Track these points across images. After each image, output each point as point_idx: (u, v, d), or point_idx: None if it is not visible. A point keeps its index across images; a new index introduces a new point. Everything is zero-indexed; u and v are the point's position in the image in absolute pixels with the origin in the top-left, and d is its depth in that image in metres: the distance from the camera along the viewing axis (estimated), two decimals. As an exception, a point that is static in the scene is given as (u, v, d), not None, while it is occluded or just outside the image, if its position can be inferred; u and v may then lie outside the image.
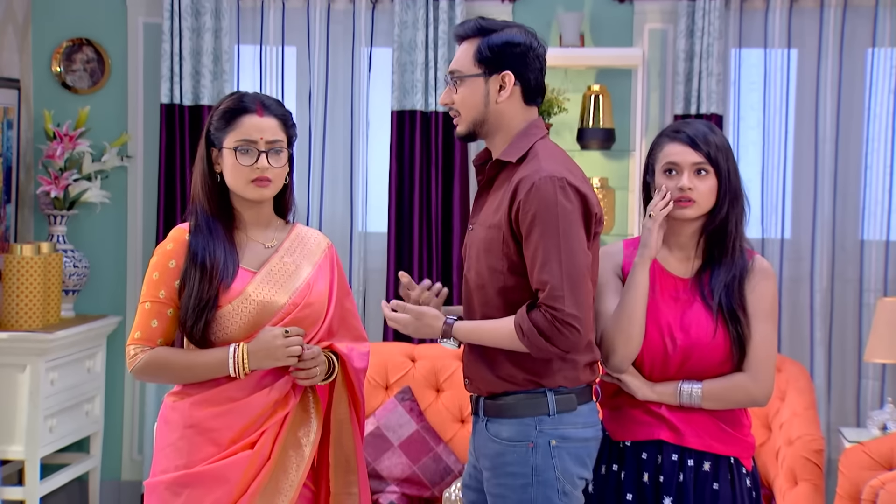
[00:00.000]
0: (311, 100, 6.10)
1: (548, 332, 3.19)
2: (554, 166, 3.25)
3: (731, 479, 3.38)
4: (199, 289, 3.29)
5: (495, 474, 3.33)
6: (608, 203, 5.83)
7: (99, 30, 6.23)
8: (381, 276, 6.08)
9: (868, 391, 5.84)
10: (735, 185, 3.39)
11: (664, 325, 3.37)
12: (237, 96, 3.40)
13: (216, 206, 3.38)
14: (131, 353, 3.35)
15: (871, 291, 5.86)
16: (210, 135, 3.39)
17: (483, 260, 3.32)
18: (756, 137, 5.92)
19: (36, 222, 6.25)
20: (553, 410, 3.28)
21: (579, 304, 3.19)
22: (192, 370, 3.32)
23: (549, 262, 3.18)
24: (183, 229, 3.39)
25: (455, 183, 5.93)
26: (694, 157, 3.36)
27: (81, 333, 5.82)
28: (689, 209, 3.36)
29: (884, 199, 5.88)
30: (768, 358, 3.37)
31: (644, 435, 3.39)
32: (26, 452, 5.50)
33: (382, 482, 5.18)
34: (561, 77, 5.93)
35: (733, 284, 3.37)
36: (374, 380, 5.42)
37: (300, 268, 3.42)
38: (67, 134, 5.97)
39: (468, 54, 3.35)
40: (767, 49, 5.90)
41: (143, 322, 3.35)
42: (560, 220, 3.19)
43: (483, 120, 3.36)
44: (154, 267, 3.37)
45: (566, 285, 3.17)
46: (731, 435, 3.39)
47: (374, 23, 6.10)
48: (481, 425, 3.38)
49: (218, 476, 3.25)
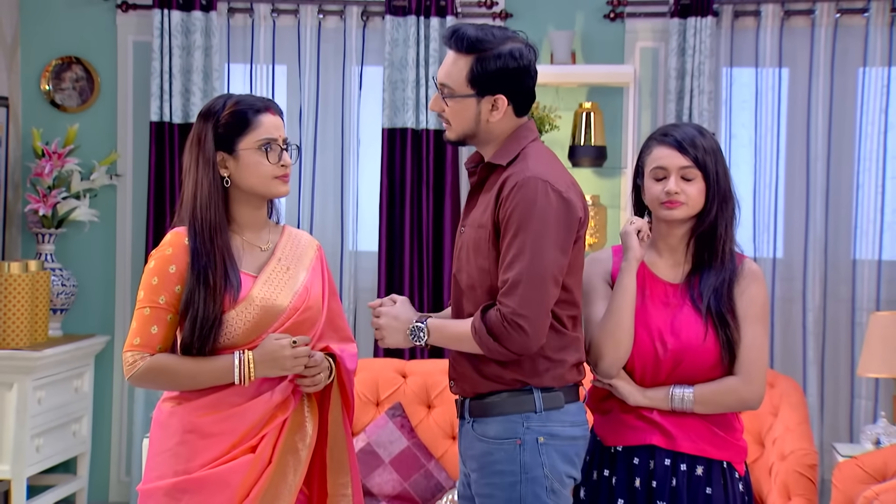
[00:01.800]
0: (301, 118, 6.08)
1: (496, 330, 3.17)
2: (540, 168, 3.24)
3: (724, 484, 3.36)
4: (205, 308, 3.24)
5: (483, 474, 3.30)
6: (600, 220, 5.82)
7: (88, 48, 6.21)
8: (373, 294, 6.05)
9: (861, 409, 5.82)
10: (724, 187, 3.38)
11: (654, 330, 3.35)
12: (239, 98, 3.36)
13: (223, 212, 3.34)
14: (130, 359, 3.28)
15: (863, 310, 5.85)
16: (218, 139, 3.32)
17: (473, 260, 3.30)
18: (748, 156, 5.91)
19: (24, 241, 6.22)
20: (540, 407, 3.26)
21: (532, 306, 3.16)
22: (195, 378, 3.27)
23: (515, 261, 3.16)
24: (181, 234, 3.32)
25: (446, 200, 5.91)
26: (681, 161, 3.35)
27: (69, 352, 5.78)
28: (678, 210, 3.36)
29: (875, 218, 5.87)
30: (759, 361, 3.35)
31: (636, 440, 3.37)
32: (13, 472, 5.45)
33: (373, 499, 5.13)
34: (552, 95, 5.92)
35: (722, 288, 3.36)
36: (364, 396, 5.39)
37: (297, 270, 3.41)
38: (56, 152, 5.94)
39: (460, 72, 3.28)
40: (759, 68, 5.90)
41: (143, 328, 3.28)
42: (535, 221, 3.17)
43: (473, 134, 3.35)
44: (153, 272, 3.30)
45: (523, 284, 3.15)
46: (724, 439, 3.37)
47: (364, 41, 6.09)
48: (467, 427, 3.35)
49: (219, 481, 3.22)
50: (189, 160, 3.35)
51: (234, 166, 3.33)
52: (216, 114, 3.34)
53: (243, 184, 3.34)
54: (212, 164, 3.32)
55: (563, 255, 3.21)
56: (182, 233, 3.32)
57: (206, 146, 3.33)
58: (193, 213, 3.31)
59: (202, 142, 3.33)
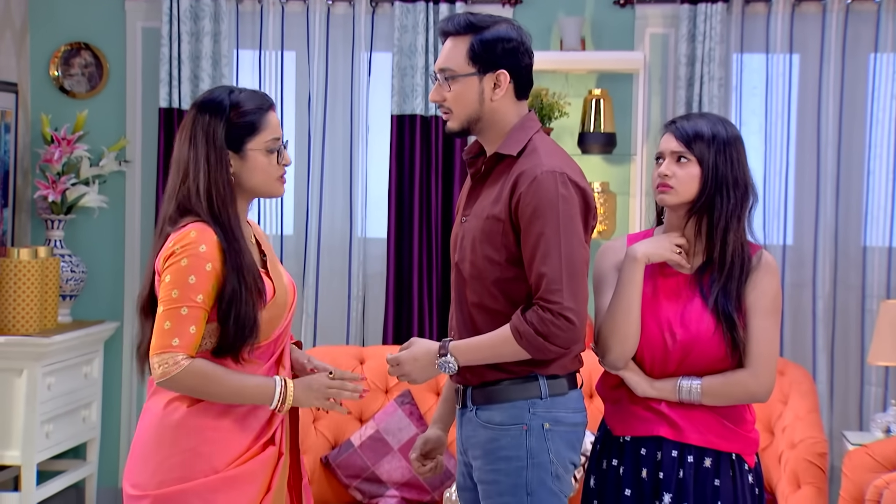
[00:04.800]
0: (310, 104, 6.07)
1: (543, 330, 3.18)
2: (554, 161, 3.27)
3: (732, 476, 3.35)
4: (246, 308, 3.17)
5: (488, 460, 3.32)
6: (609, 207, 5.80)
7: (97, 34, 6.21)
8: (381, 280, 6.05)
9: (871, 396, 5.81)
10: (723, 175, 3.33)
11: (664, 321, 3.34)
12: (243, 96, 3.30)
13: (236, 210, 3.29)
14: (169, 360, 3.13)
15: (873, 297, 5.84)
16: (231, 137, 3.26)
17: (479, 250, 3.30)
18: (758, 143, 5.90)
19: (33, 227, 6.22)
20: (545, 394, 3.29)
21: (576, 298, 3.20)
22: (238, 393, 3.19)
23: (548, 256, 3.19)
24: (208, 231, 3.20)
25: (455, 187, 5.90)
26: (674, 146, 3.36)
27: (79, 338, 5.78)
28: (668, 195, 3.35)
29: (886, 205, 5.86)
30: (769, 353, 3.33)
31: (643, 431, 3.36)
32: (23, 458, 5.46)
33: (382, 486, 5.14)
34: (562, 81, 5.91)
35: (730, 285, 3.33)
36: (373, 383, 5.39)
37: (277, 263, 3.42)
38: (65, 138, 5.94)
39: (460, 52, 3.32)
40: (769, 54, 5.88)
41: (181, 328, 3.13)
42: (561, 215, 3.20)
43: (477, 118, 3.35)
44: (188, 269, 3.14)
45: (564, 278, 3.18)
46: (734, 431, 3.36)
47: (373, 27, 6.08)
48: (470, 414, 3.36)
49: (249, 476, 3.21)
50: (193, 153, 3.25)
51: (240, 165, 3.27)
52: (224, 111, 3.26)
53: (247, 183, 3.30)
54: (225, 163, 3.25)
55: (586, 245, 3.27)
56: (209, 230, 3.20)
57: (217, 143, 3.24)
58: (212, 211, 3.22)
59: (212, 138, 3.25)
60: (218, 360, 3.20)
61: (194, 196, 3.24)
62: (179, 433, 3.21)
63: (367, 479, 5.15)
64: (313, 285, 6.06)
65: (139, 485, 3.21)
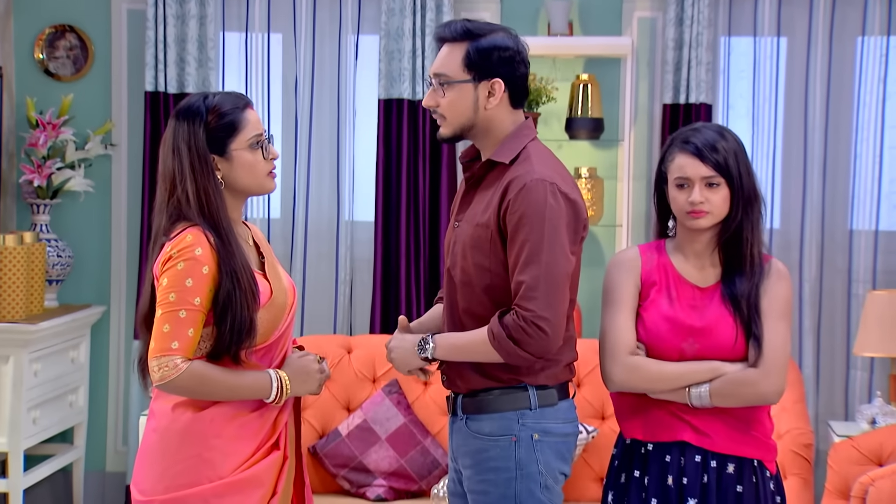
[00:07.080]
0: (297, 88, 6.05)
1: (517, 335, 3.19)
2: (546, 170, 3.27)
3: (755, 482, 3.38)
4: (242, 310, 3.18)
5: (477, 471, 3.33)
6: (596, 193, 5.80)
7: (82, 16, 6.16)
8: (368, 265, 6.04)
9: (857, 383, 5.83)
10: (748, 188, 3.37)
11: (683, 330, 3.37)
12: (218, 99, 3.30)
13: (227, 213, 3.29)
14: (169, 364, 3.14)
15: (860, 282, 5.84)
16: (213, 141, 3.26)
17: (470, 257, 3.32)
18: (745, 126, 5.89)
19: (19, 211, 6.19)
20: (535, 404, 3.30)
21: (552, 308, 3.20)
22: (235, 391, 3.22)
23: (529, 264, 3.19)
24: (202, 235, 3.20)
25: (442, 171, 5.89)
26: (704, 171, 3.34)
27: (65, 324, 5.77)
28: (703, 219, 3.36)
29: (873, 189, 5.86)
30: (780, 356, 3.35)
31: (668, 436, 3.37)
32: (9, 444, 5.46)
33: (370, 475, 5.15)
34: (549, 66, 5.89)
35: (752, 294, 3.37)
36: (361, 373, 5.39)
37: (276, 263, 3.43)
38: (50, 122, 5.91)
39: (455, 58, 3.32)
40: (757, 37, 5.86)
41: (180, 331, 3.15)
42: (546, 224, 3.20)
43: (471, 125, 3.36)
44: (185, 273, 3.16)
45: (542, 287, 3.18)
46: (755, 438, 3.39)
47: (360, 10, 6.04)
48: (460, 423, 3.38)
49: (254, 481, 3.23)
50: (178, 164, 3.25)
51: (228, 168, 3.28)
52: (201, 116, 3.26)
53: (238, 184, 3.31)
54: (210, 168, 3.26)
55: (571, 256, 3.25)
56: (202, 234, 3.21)
57: (199, 149, 3.25)
58: (204, 215, 3.23)
59: (194, 145, 3.25)
60: (216, 362, 3.22)
61: (185, 204, 3.25)
62: (185, 439, 3.23)
63: (355, 468, 5.16)
64: (301, 269, 6.06)
65: (145, 490, 3.24)
